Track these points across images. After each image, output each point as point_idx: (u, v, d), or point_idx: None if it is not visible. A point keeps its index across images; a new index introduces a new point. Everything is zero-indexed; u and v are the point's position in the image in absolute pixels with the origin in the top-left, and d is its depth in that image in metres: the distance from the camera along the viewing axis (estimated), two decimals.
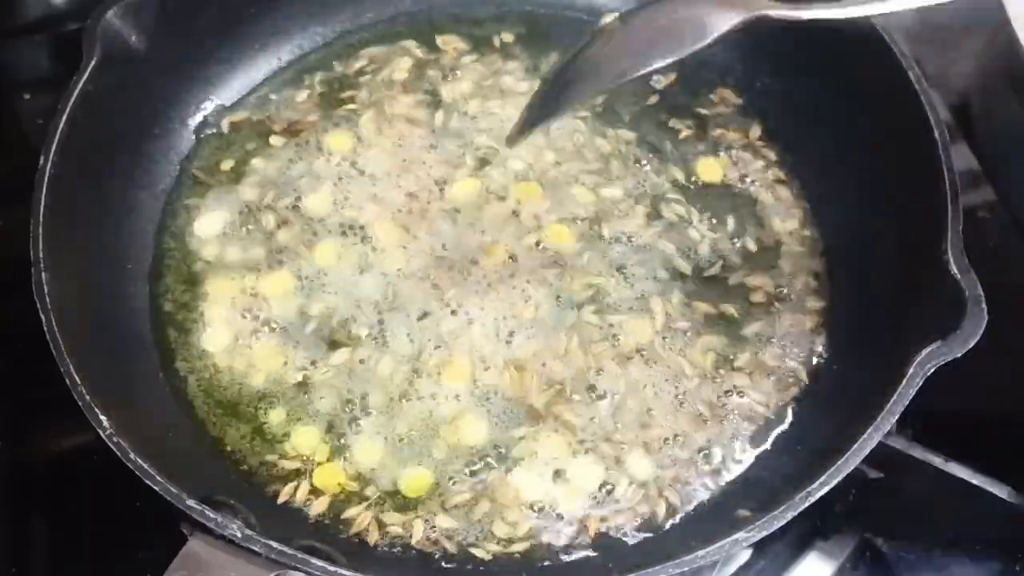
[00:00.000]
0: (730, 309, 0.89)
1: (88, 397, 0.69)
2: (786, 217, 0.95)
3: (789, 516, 0.66)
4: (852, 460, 0.67)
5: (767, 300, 0.90)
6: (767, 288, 0.90)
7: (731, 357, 0.87)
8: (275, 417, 0.83)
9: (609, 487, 0.80)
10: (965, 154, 1.06)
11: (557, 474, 0.81)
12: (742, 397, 0.85)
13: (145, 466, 0.66)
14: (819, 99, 0.96)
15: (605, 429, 0.83)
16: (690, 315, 0.88)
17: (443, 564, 0.77)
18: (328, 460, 0.81)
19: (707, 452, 0.82)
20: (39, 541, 0.86)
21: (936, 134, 0.80)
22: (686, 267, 0.91)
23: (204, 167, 0.97)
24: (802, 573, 0.83)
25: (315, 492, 0.80)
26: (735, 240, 0.93)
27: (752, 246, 0.93)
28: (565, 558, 0.78)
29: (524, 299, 0.88)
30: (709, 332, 0.88)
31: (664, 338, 0.87)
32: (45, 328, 0.72)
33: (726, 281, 0.91)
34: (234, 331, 0.87)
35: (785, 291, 0.90)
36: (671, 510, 0.80)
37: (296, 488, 0.80)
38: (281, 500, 0.80)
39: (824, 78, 0.94)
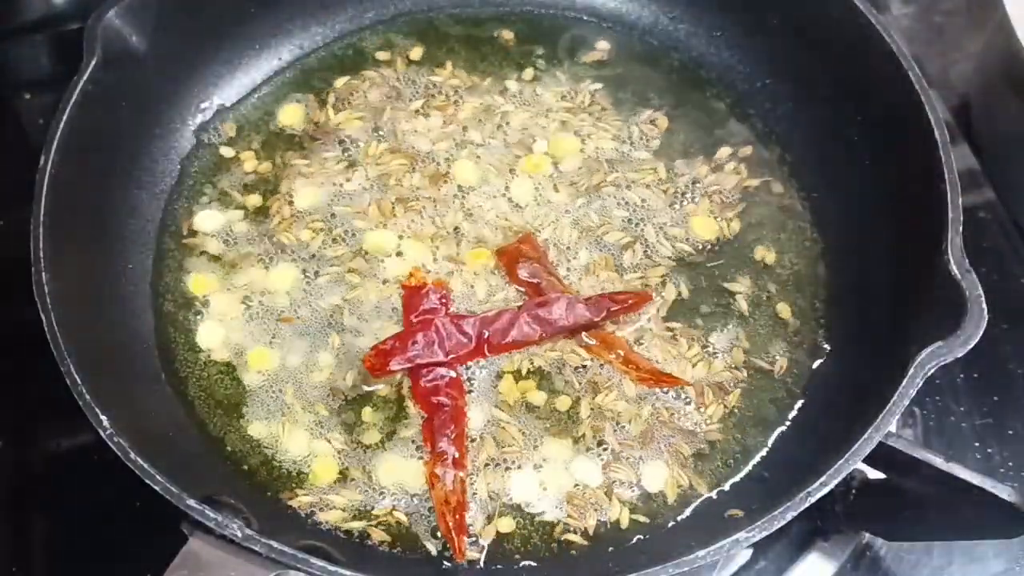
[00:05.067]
0: (730, 310, 0.89)
1: (88, 397, 0.69)
2: (786, 218, 0.95)
3: (789, 516, 0.66)
4: (852, 460, 0.67)
5: (767, 300, 0.90)
6: (767, 288, 0.90)
7: (731, 357, 0.87)
8: (273, 417, 0.83)
9: (609, 486, 0.80)
10: (965, 154, 1.06)
11: (557, 473, 0.81)
12: (742, 397, 0.85)
13: (145, 466, 0.66)
14: (819, 99, 0.96)
15: (605, 429, 0.83)
16: (690, 317, 0.89)
17: (443, 563, 0.77)
18: (325, 457, 0.81)
19: (707, 452, 0.82)
20: (39, 541, 0.86)
21: (936, 134, 0.80)
22: (684, 264, 0.91)
23: (204, 167, 0.97)
24: (802, 573, 0.83)
25: (315, 492, 0.80)
26: (734, 241, 0.93)
27: (751, 245, 0.93)
28: (564, 556, 0.78)
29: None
30: (708, 333, 0.88)
31: (663, 337, 0.87)
32: (45, 328, 0.72)
33: (725, 282, 0.91)
34: (234, 330, 0.87)
35: (785, 292, 0.90)
36: (671, 510, 0.80)
37: (296, 488, 0.80)
38: (281, 500, 0.79)
39: (824, 78, 0.94)
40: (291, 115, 1.00)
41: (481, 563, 0.77)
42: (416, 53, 1.05)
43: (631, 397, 0.84)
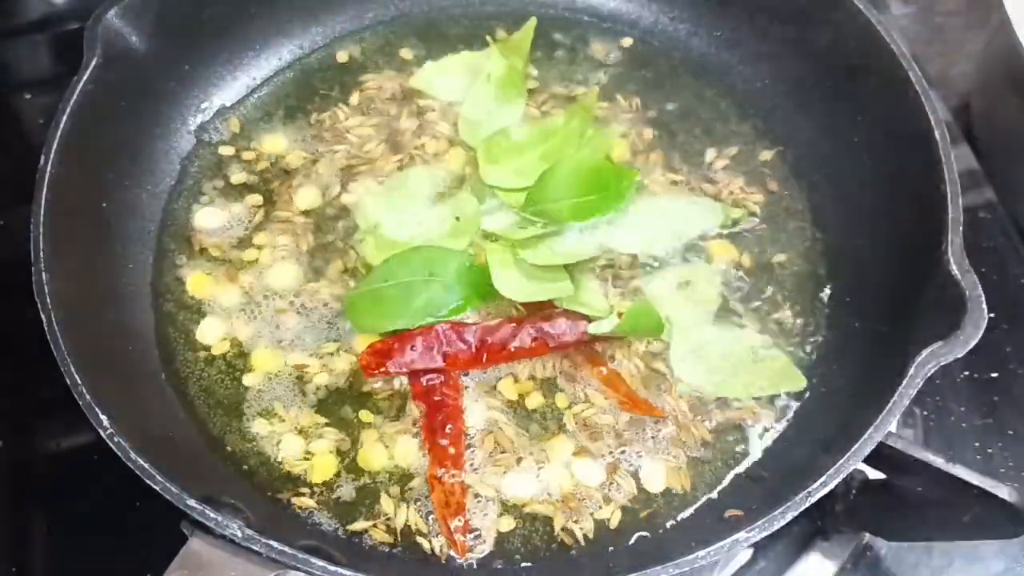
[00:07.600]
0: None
1: (88, 397, 0.69)
2: (786, 217, 0.95)
3: (789, 516, 0.66)
4: (852, 460, 0.67)
5: (767, 300, 0.90)
6: (767, 289, 0.90)
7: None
8: (273, 417, 0.83)
9: (609, 486, 0.80)
10: (965, 154, 1.06)
11: (557, 473, 0.81)
12: (742, 398, 0.85)
13: (145, 466, 0.66)
14: (819, 99, 0.96)
15: (605, 430, 0.83)
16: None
17: (443, 562, 0.77)
18: (325, 457, 0.81)
19: (707, 453, 0.82)
20: (39, 541, 0.86)
21: (936, 134, 0.80)
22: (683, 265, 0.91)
23: (204, 167, 0.97)
24: (802, 573, 0.83)
25: (315, 491, 0.80)
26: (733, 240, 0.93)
27: (751, 246, 0.93)
28: (564, 556, 0.78)
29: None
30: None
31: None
32: (45, 328, 0.72)
33: (724, 281, 0.91)
34: (234, 330, 0.87)
35: (785, 291, 0.90)
36: (671, 510, 0.80)
37: (296, 488, 0.80)
38: (281, 500, 0.79)
39: (824, 79, 0.94)
40: (275, 144, 0.98)
41: (479, 563, 0.77)
42: (417, 53, 1.05)
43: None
